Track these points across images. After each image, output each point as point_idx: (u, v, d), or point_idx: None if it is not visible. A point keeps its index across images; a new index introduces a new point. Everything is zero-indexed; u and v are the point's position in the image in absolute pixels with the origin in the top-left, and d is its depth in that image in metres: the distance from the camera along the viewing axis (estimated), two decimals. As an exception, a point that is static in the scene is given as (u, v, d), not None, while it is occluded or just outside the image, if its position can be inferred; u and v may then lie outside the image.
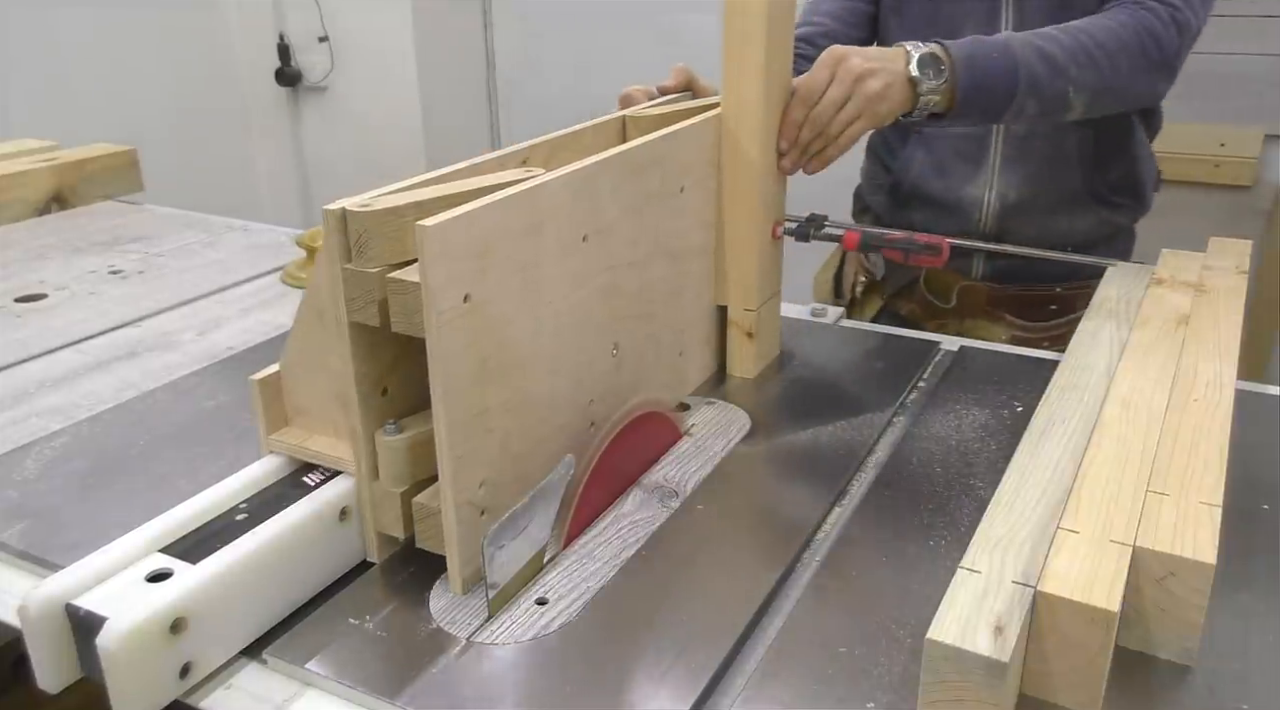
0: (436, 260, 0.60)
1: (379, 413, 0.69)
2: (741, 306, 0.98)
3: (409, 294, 0.62)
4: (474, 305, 0.64)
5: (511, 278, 0.67)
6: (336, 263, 0.65)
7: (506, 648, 0.64)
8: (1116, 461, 0.69)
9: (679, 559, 0.72)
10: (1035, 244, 1.20)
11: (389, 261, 0.64)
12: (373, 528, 0.72)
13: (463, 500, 0.66)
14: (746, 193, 0.94)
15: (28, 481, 0.83)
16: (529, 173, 0.72)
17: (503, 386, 0.68)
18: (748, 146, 0.92)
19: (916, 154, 1.25)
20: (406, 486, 0.70)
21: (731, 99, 0.92)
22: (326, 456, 0.73)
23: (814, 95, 0.92)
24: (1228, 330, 0.90)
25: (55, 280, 1.32)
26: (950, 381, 0.98)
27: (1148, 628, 0.62)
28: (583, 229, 0.75)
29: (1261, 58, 2.17)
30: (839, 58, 0.92)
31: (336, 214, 0.64)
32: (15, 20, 2.53)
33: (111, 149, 1.70)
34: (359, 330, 0.66)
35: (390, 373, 0.69)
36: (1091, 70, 1.00)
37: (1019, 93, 0.98)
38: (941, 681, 0.54)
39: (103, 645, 0.57)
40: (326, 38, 3.06)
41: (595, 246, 0.76)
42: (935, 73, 0.95)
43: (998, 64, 0.97)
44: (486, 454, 0.68)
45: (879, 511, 0.78)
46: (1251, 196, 2.24)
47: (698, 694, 0.59)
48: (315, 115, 3.23)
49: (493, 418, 0.68)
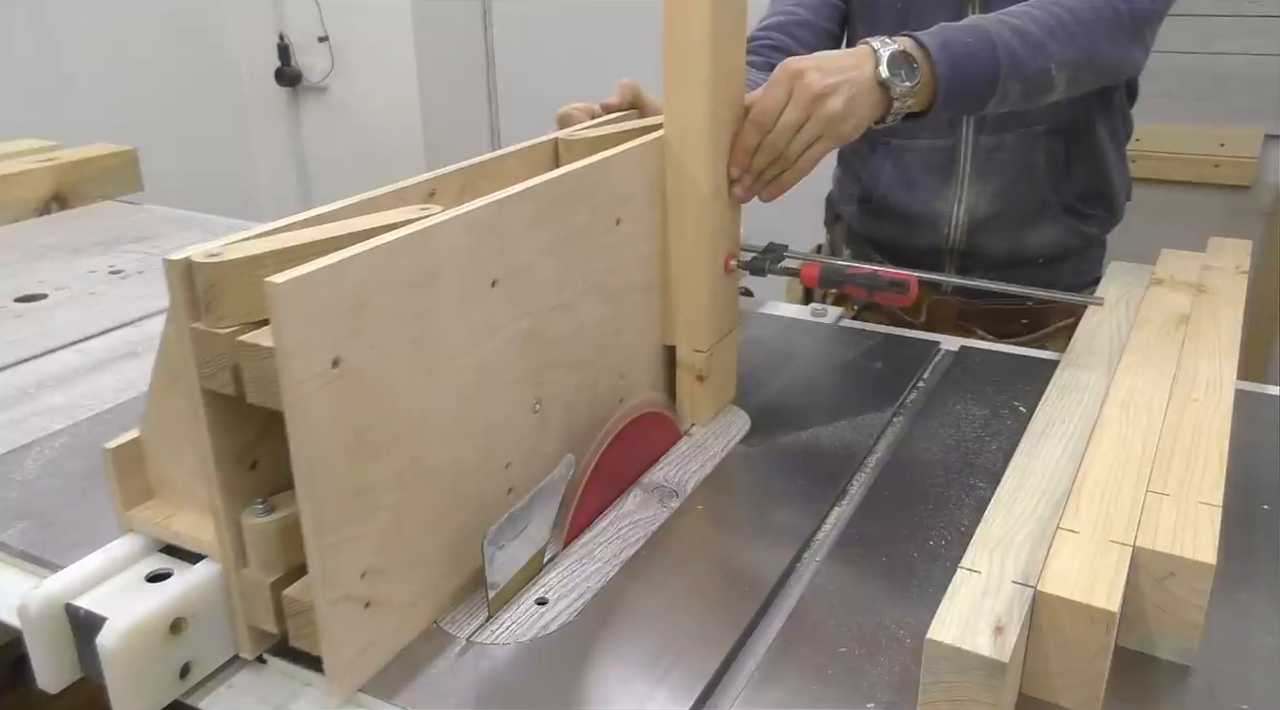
0: (292, 321, 0.51)
1: (246, 489, 0.60)
2: (691, 347, 0.88)
3: (262, 360, 0.53)
4: (346, 370, 0.55)
5: (397, 335, 0.59)
6: (183, 322, 0.56)
7: (506, 648, 0.64)
8: (1116, 461, 0.69)
9: (679, 559, 0.72)
10: (1005, 257, 1.20)
11: (244, 319, 0.55)
12: (243, 620, 0.62)
13: (339, 595, 0.57)
14: (694, 223, 0.84)
15: (28, 481, 0.83)
16: (424, 211, 0.63)
17: (390, 459, 0.59)
18: (694, 172, 0.82)
19: (885, 166, 1.23)
20: (279, 575, 0.60)
21: (675, 120, 0.82)
22: (191, 538, 0.64)
23: (769, 118, 0.83)
24: (1228, 330, 0.90)
25: (55, 280, 1.32)
26: (950, 381, 0.98)
27: (1148, 628, 0.62)
28: (490, 274, 0.66)
29: (1261, 58, 2.17)
30: (795, 74, 0.83)
31: (180, 266, 0.54)
32: (15, 20, 2.53)
33: (111, 149, 1.70)
34: (214, 398, 0.57)
35: (260, 442, 0.59)
36: (1070, 43, 0.95)
37: (1001, 76, 0.91)
38: (941, 681, 0.54)
39: (103, 645, 0.57)
40: (326, 38, 3.06)
41: (508, 292, 0.67)
42: (908, 72, 0.87)
43: (975, 49, 0.90)
44: (370, 538, 0.59)
45: (879, 511, 0.78)
46: (1251, 196, 2.24)
47: (698, 694, 0.59)
48: (315, 115, 3.23)
49: (378, 496, 0.59)
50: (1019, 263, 1.20)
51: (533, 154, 0.83)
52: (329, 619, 0.58)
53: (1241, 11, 2.15)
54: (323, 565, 0.56)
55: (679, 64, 0.79)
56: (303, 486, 0.54)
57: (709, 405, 0.90)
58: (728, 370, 0.93)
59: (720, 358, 0.91)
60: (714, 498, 0.79)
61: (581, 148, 0.84)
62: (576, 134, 0.86)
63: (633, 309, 0.84)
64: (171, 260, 0.54)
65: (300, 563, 0.59)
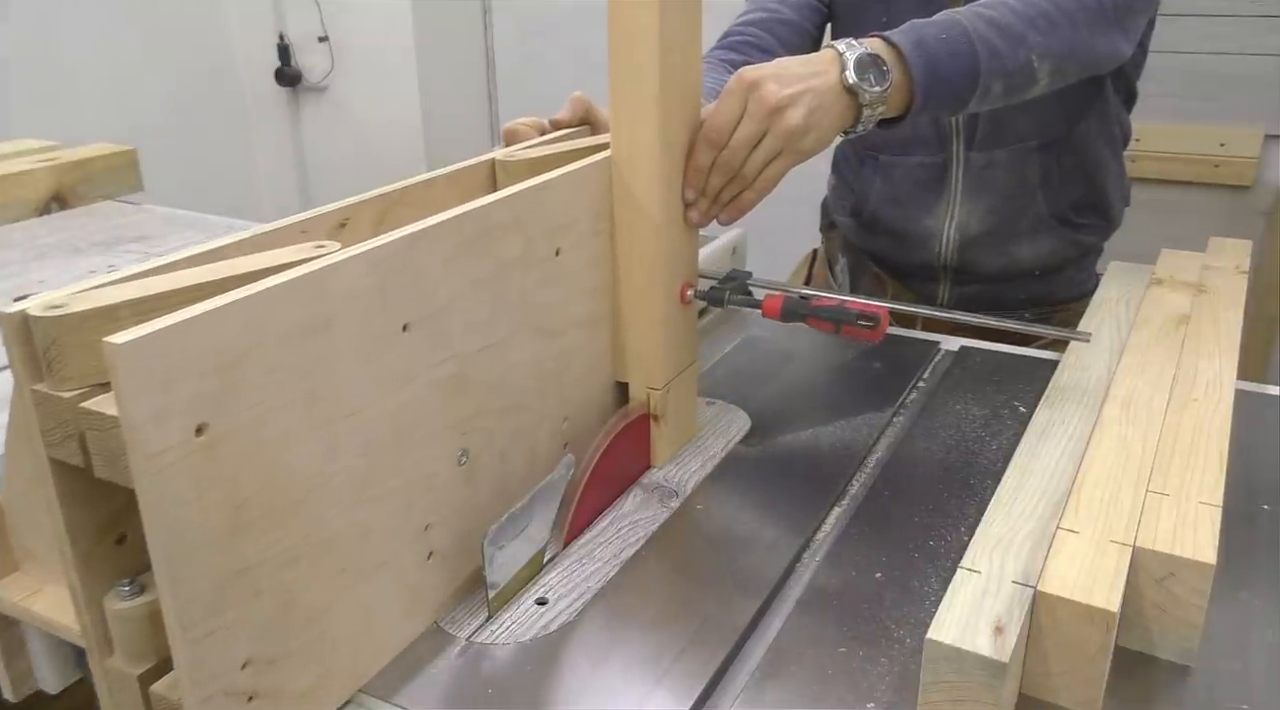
0: (140, 386, 0.44)
1: (110, 567, 0.53)
2: (644, 384, 0.82)
3: (108, 430, 0.47)
4: (216, 437, 0.48)
5: (283, 392, 0.51)
6: (24, 384, 0.49)
7: (506, 648, 0.64)
8: (1116, 461, 0.69)
9: (679, 559, 0.72)
10: (1000, 271, 1.18)
11: (95, 380, 0.48)
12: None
13: (214, 690, 0.50)
14: (645, 251, 0.77)
15: (28, 481, 0.83)
16: (319, 249, 0.56)
17: (277, 533, 0.52)
18: (644, 196, 0.75)
19: (874, 182, 1.20)
20: (150, 665, 0.54)
21: (622, 140, 0.75)
22: (52, 623, 0.57)
23: (722, 134, 0.76)
24: (1228, 330, 0.90)
25: (55, 280, 1.32)
26: (950, 381, 0.98)
27: (1148, 628, 0.62)
28: (401, 317, 0.58)
29: (1261, 58, 2.17)
30: (750, 84, 0.76)
31: (16, 320, 0.48)
32: (15, 20, 2.53)
33: (111, 149, 1.70)
34: (65, 468, 0.50)
35: (128, 513, 0.52)
36: (1051, 33, 0.88)
37: (982, 73, 0.84)
38: (941, 681, 0.54)
39: (102, 645, 0.56)
40: (326, 38, 3.06)
41: (424, 335, 0.60)
42: (878, 76, 0.79)
43: (952, 45, 0.83)
44: (253, 624, 0.52)
45: (879, 511, 0.78)
46: (1251, 196, 2.24)
47: (698, 694, 0.59)
48: (315, 115, 3.23)
49: (262, 576, 0.52)
50: (1014, 276, 1.18)
51: (466, 177, 0.77)
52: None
53: (1241, 11, 2.15)
54: (192, 658, 0.49)
55: (625, 79, 0.73)
56: (163, 571, 0.47)
57: (667, 446, 0.84)
58: (687, 408, 0.87)
59: (678, 395, 0.84)
60: (714, 498, 0.79)
61: (520, 169, 0.77)
62: (516, 154, 0.80)
63: (577, 346, 0.77)
64: (4, 313, 0.48)
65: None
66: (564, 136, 0.87)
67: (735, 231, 1.17)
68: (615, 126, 0.75)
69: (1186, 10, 2.17)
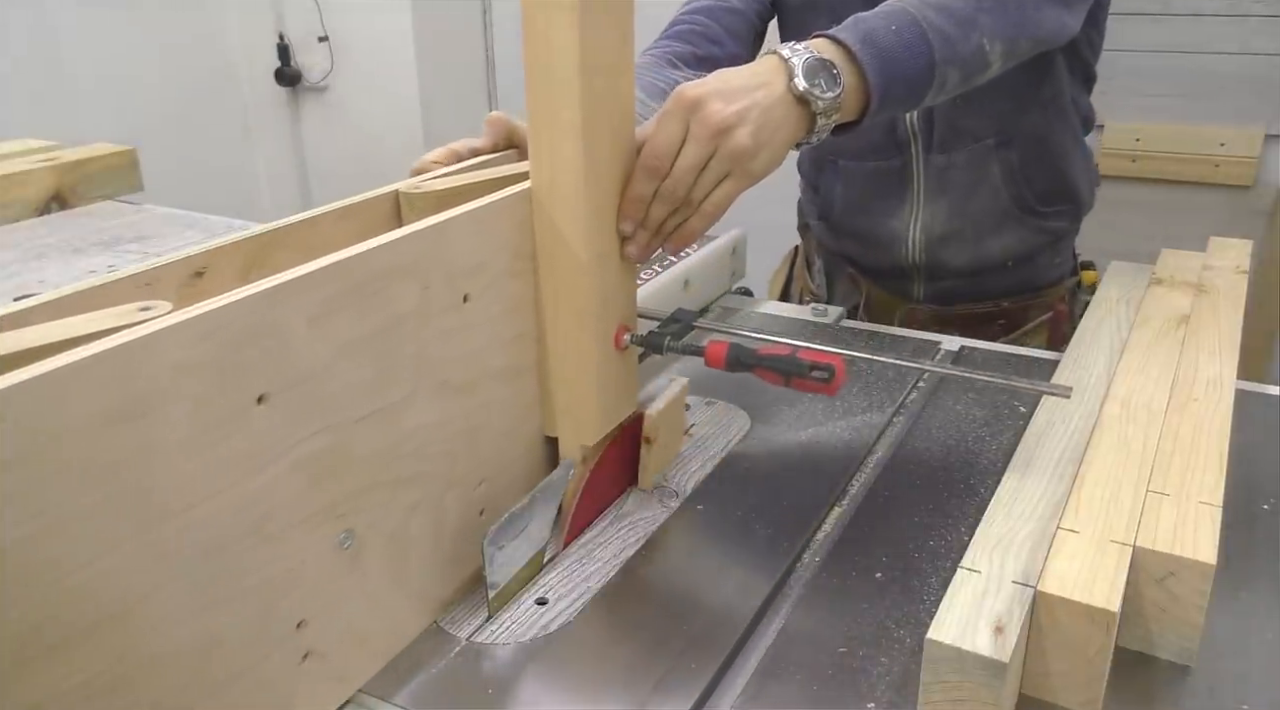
0: None
1: None
2: (576, 441, 0.73)
3: None
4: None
5: (85, 493, 0.43)
6: None
7: (506, 648, 0.64)
8: (1116, 461, 0.69)
9: (679, 559, 0.72)
10: (971, 266, 1.17)
11: None
12: None
13: None
14: (572, 291, 0.68)
15: (28, 481, 0.83)
16: (145, 311, 0.48)
17: (82, 659, 0.44)
18: (568, 230, 0.66)
19: (835, 187, 1.20)
20: None
21: (541, 167, 0.66)
22: None
23: (664, 160, 0.68)
24: (1228, 330, 0.90)
25: (55, 280, 1.32)
26: (950, 381, 0.98)
27: (1148, 628, 0.62)
28: (254, 388, 0.50)
29: (1261, 58, 2.17)
30: (691, 104, 0.68)
31: None
32: (15, 20, 2.53)
33: (111, 149, 1.70)
34: None
35: None
36: (1000, 12, 0.84)
37: (937, 63, 0.79)
38: (941, 681, 0.54)
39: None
40: (326, 38, 3.06)
41: (286, 407, 0.51)
42: (829, 81, 0.72)
43: (903, 37, 0.77)
44: None
45: (879, 511, 0.78)
46: (1251, 196, 2.24)
47: (698, 694, 0.59)
48: (315, 115, 3.23)
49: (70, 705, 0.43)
50: (986, 269, 1.18)
51: (364, 212, 0.68)
52: None
53: (1241, 11, 2.15)
54: None
55: (541, 96, 0.65)
56: None
57: (655, 468, 0.78)
58: (676, 430, 0.80)
59: (669, 417, 0.79)
60: (714, 498, 0.79)
61: (428, 203, 0.69)
62: (423, 186, 0.71)
63: (494, 401, 0.68)
64: None
65: None
66: (483, 163, 0.78)
67: (735, 232, 1.17)
68: (534, 153, 0.66)
69: (1186, 10, 2.17)
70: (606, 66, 0.65)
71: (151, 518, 0.46)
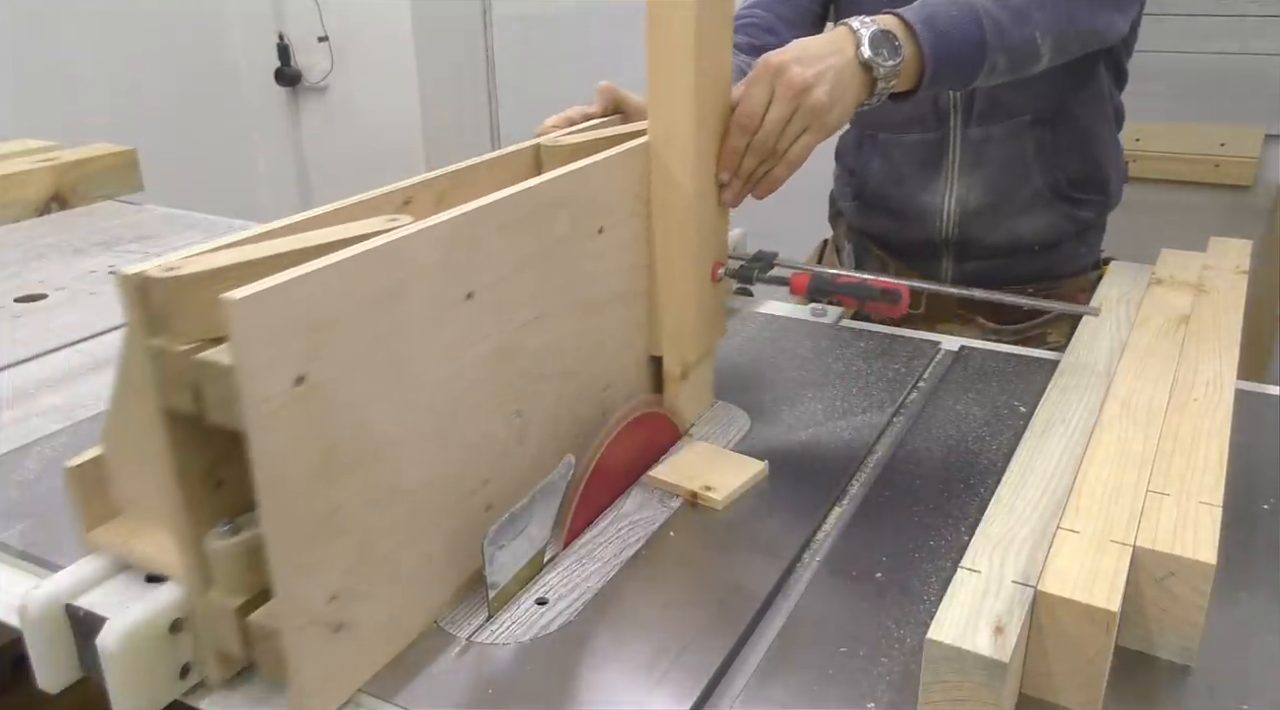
0: (253, 338, 0.49)
1: (210, 510, 0.57)
2: (678, 358, 0.86)
3: (222, 379, 0.51)
4: (310, 388, 0.52)
5: (365, 351, 0.56)
6: (138, 339, 0.53)
7: (506, 648, 0.64)
8: (1116, 461, 0.69)
9: (679, 559, 0.72)
10: (1000, 246, 1.20)
11: (204, 336, 0.53)
12: (209, 645, 0.60)
13: (305, 620, 0.55)
14: (681, 230, 0.82)
15: (28, 481, 0.83)
16: (394, 222, 0.61)
17: (359, 479, 0.57)
18: (680, 178, 0.80)
19: (873, 161, 1.24)
20: (245, 598, 0.58)
21: (659, 125, 0.79)
22: (152, 561, 0.62)
23: (754, 118, 0.81)
24: (1228, 330, 0.90)
25: (55, 280, 1.32)
26: (950, 381, 0.98)
27: (1148, 628, 0.62)
28: (464, 286, 0.63)
29: (1261, 58, 2.17)
30: (776, 70, 0.80)
31: (134, 281, 0.52)
32: (15, 20, 2.53)
33: (111, 149, 1.70)
34: (175, 417, 0.54)
35: (225, 461, 0.56)
36: (1052, 9, 0.93)
37: (988, 49, 0.89)
38: (941, 681, 0.54)
39: (103, 645, 0.57)
40: (326, 38, 3.06)
41: (483, 305, 0.65)
42: (891, 51, 0.84)
43: (960, 22, 0.88)
44: (339, 561, 0.57)
45: (879, 511, 0.78)
46: (1251, 196, 2.24)
47: (698, 694, 0.59)
48: (315, 115, 3.23)
49: (346, 517, 0.57)
50: (1014, 251, 1.20)
51: (513, 161, 0.82)
52: (295, 645, 0.55)
53: (1241, 11, 2.15)
54: (289, 589, 0.54)
55: (662, 69, 0.77)
56: (267, 508, 0.52)
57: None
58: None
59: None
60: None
61: (563, 154, 0.82)
62: (559, 140, 0.84)
63: (616, 320, 0.81)
64: (125, 275, 0.52)
65: (268, 586, 0.56)
66: (598, 124, 0.92)
67: (736, 231, 1.17)
68: (653, 113, 0.79)
69: (1186, 10, 2.17)
70: (712, 46, 0.78)
71: (403, 380, 0.59)
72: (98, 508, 0.65)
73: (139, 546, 0.62)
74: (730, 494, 0.78)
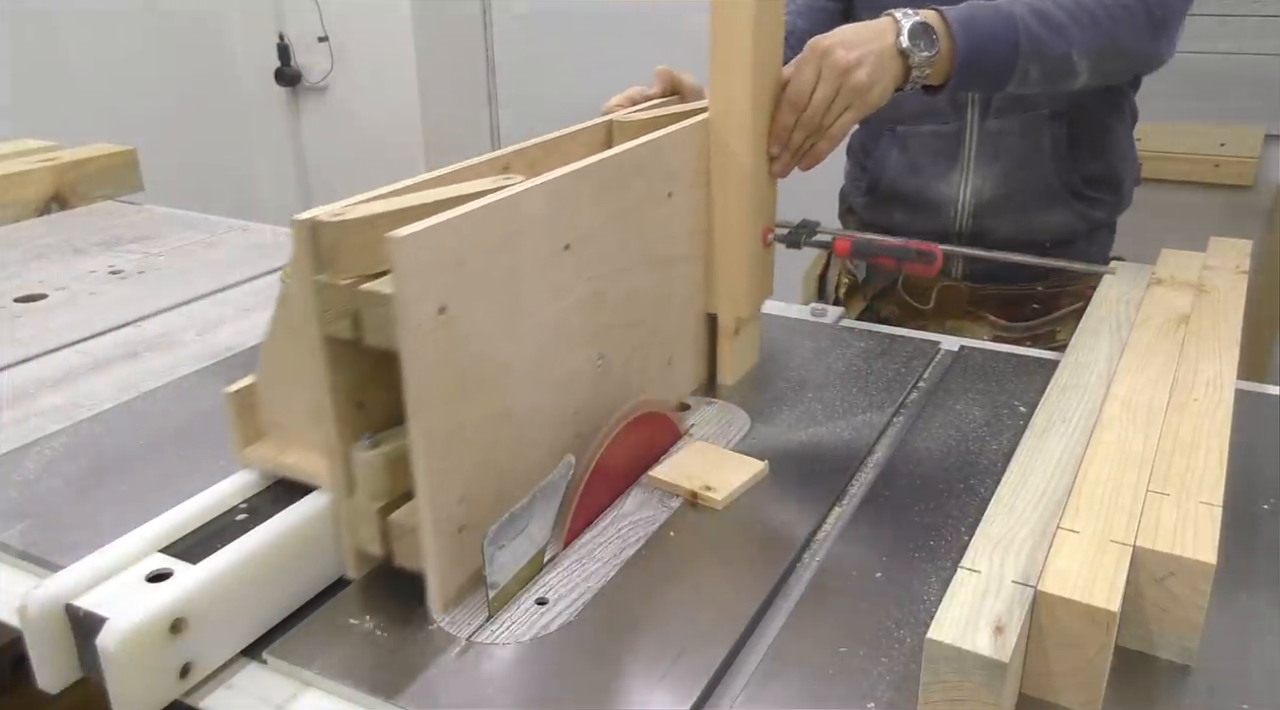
0: (410, 272, 0.59)
1: (354, 427, 0.66)
2: (733, 315, 0.96)
3: (383, 306, 0.60)
4: (450, 318, 0.62)
5: (489, 289, 0.65)
6: (307, 275, 0.62)
7: (506, 648, 0.64)
8: (1116, 461, 0.69)
9: (679, 559, 0.72)
10: (1012, 241, 1.19)
11: (361, 273, 0.62)
12: (350, 544, 0.69)
13: (441, 517, 0.65)
14: (736, 198, 0.92)
15: (28, 481, 0.83)
16: (507, 181, 0.70)
17: (482, 400, 0.66)
18: (737, 150, 0.90)
19: (890, 153, 1.24)
20: (383, 502, 0.67)
21: (719, 103, 0.89)
22: (302, 471, 0.71)
23: (803, 97, 0.89)
24: (1228, 330, 0.90)
25: (55, 280, 1.32)
26: (950, 381, 0.98)
27: (1148, 628, 0.62)
28: (563, 238, 0.72)
29: (1261, 58, 2.17)
30: (822, 52, 0.89)
31: (306, 225, 0.61)
32: (15, 20, 2.53)
33: (111, 149, 1.70)
34: (332, 344, 0.64)
35: (366, 386, 0.67)
36: (1093, 30, 0.97)
37: (1021, 56, 0.94)
38: (941, 681, 0.54)
39: (103, 645, 0.57)
40: (326, 38, 3.06)
41: (577, 256, 0.74)
42: (927, 43, 0.91)
43: (995, 27, 0.94)
44: (465, 469, 0.66)
45: (879, 511, 0.78)
46: (1251, 196, 2.24)
47: (698, 694, 0.59)
48: (315, 115, 3.23)
49: (471, 432, 0.66)
50: (1026, 247, 1.19)
51: (589, 134, 0.92)
52: (433, 539, 0.64)
53: (1241, 11, 2.15)
54: (429, 490, 0.63)
55: (724, 52, 0.87)
56: (414, 418, 0.61)
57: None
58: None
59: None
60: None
61: (633, 128, 0.91)
62: (629, 116, 0.94)
63: (680, 277, 0.91)
64: (299, 220, 0.61)
65: (402, 493, 0.67)
66: (658, 104, 1.01)
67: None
68: (713, 93, 0.90)
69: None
70: (768, 33, 0.88)
71: (515, 317, 0.69)
72: (249, 429, 0.74)
73: (287, 460, 0.73)
74: (730, 494, 0.78)
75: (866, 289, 1.31)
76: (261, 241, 1.49)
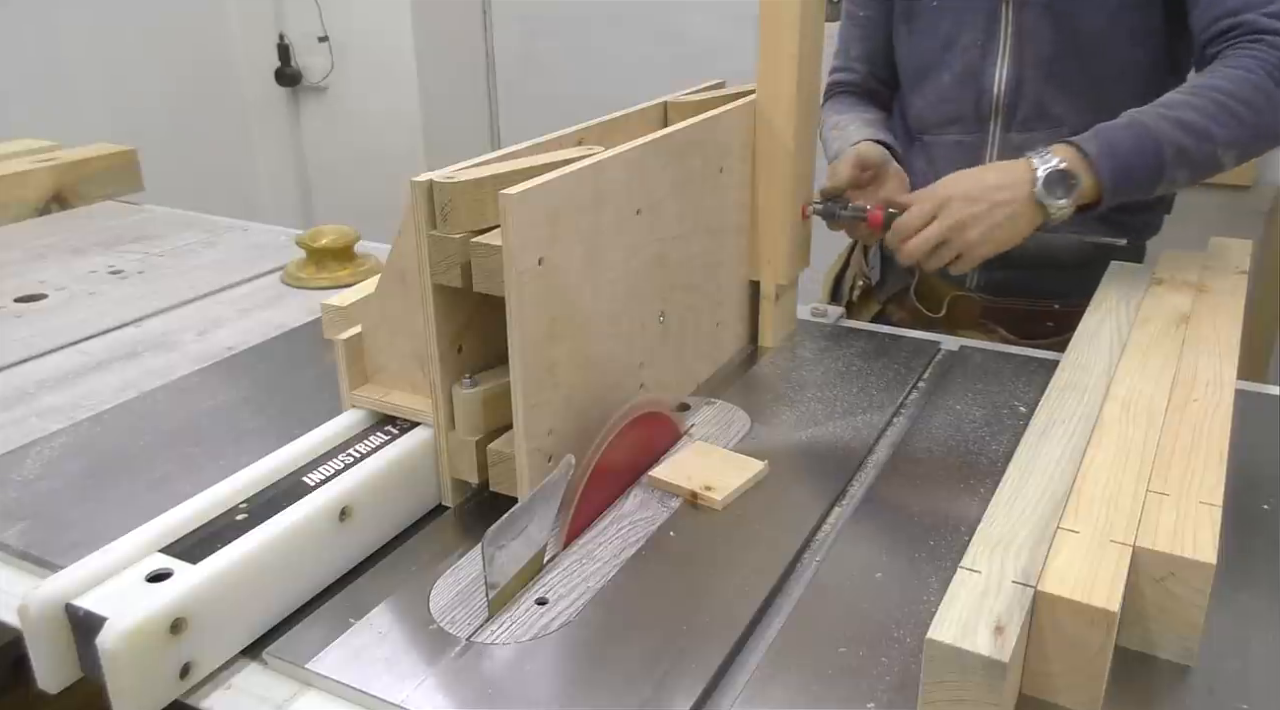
0: (517, 225, 0.67)
1: (455, 368, 0.76)
2: (773, 282, 1.06)
3: (491, 257, 0.69)
4: (546, 268, 0.71)
5: (577, 245, 0.74)
6: (423, 230, 0.71)
7: (506, 648, 0.64)
8: (1116, 461, 0.69)
9: (679, 559, 0.72)
10: (1033, 258, 1.14)
11: (469, 228, 0.71)
12: (448, 474, 0.79)
13: (534, 447, 0.74)
14: (778, 175, 1.01)
15: (28, 481, 0.83)
16: (589, 150, 0.78)
17: (568, 344, 0.75)
18: (781, 131, 0.99)
19: (917, 163, 1.23)
20: (480, 435, 0.77)
21: (767, 88, 0.98)
22: (406, 409, 0.80)
23: (908, 232, 0.95)
24: (1228, 330, 0.90)
25: (55, 280, 1.32)
26: (950, 381, 0.98)
27: (1148, 628, 0.62)
28: (636, 203, 0.81)
29: (1261, 58, 2.16)
30: (943, 201, 0.94)
31: (423, 185, 0.70)
32: (15, 20, 2.53)
33: (111, 149, 1.70)
34: (441, 292, 0.73)
35: (465, 331, 0.77)
36: (1235, 125, 0.95)
37: (1166, 168, 0.95)
38: (941, 681, 0.54)
39: (103, 645, 0.57)
40: (326, 38, 3.06)
41: (646, 220, 0.83)
42: (1065, 190, 0.93)
43: (1141, 147, 0.94)
44: (553, 405, 0.75)
45: (879, 511, 0.78)
46: (1251, 196, 2.24)
47: (698, 694, 0.59)
48: (315, 115, 3.23)
49: (559, 372, 0.75)
50: (1044, 264, 1.17)
51: (648, 114, 1.00)
52: (527, 465, 0.74)
53: (1241, 11, 2.14)
54: (525, 422, 0.72)
55: (772, 41, 0.96)
56: (515, 356, 0.70)
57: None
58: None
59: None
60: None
61: (688, 109, 0.99)
62: (682, 98, 1.03)
63: (728, 246, 1.01)
64: (417, 181, 0.70)
65: (495, 427, 0.77)
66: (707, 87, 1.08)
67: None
68: (762, 77, 0.99)
69: (1186, 10, 2.16)
70: (811, 27, 0.97)
71: (597, 271, 0.78)
72: (357, 373, 0.83)
73: (392, 400, 0.81)
74: (730, 494, 0.78)
75: (880, 293, 1.30)
76: (261, 241, 1.49)
